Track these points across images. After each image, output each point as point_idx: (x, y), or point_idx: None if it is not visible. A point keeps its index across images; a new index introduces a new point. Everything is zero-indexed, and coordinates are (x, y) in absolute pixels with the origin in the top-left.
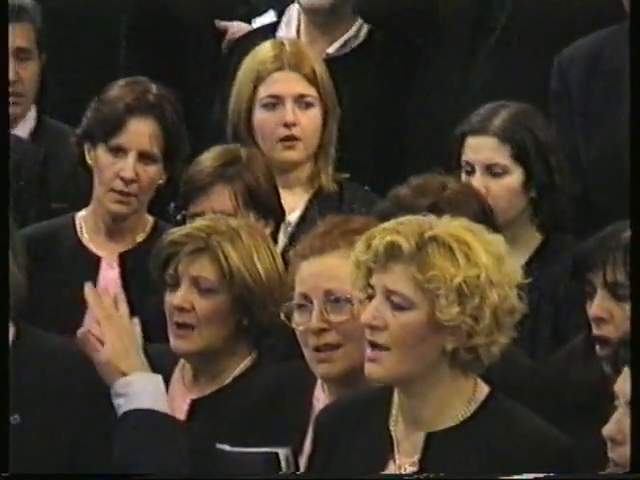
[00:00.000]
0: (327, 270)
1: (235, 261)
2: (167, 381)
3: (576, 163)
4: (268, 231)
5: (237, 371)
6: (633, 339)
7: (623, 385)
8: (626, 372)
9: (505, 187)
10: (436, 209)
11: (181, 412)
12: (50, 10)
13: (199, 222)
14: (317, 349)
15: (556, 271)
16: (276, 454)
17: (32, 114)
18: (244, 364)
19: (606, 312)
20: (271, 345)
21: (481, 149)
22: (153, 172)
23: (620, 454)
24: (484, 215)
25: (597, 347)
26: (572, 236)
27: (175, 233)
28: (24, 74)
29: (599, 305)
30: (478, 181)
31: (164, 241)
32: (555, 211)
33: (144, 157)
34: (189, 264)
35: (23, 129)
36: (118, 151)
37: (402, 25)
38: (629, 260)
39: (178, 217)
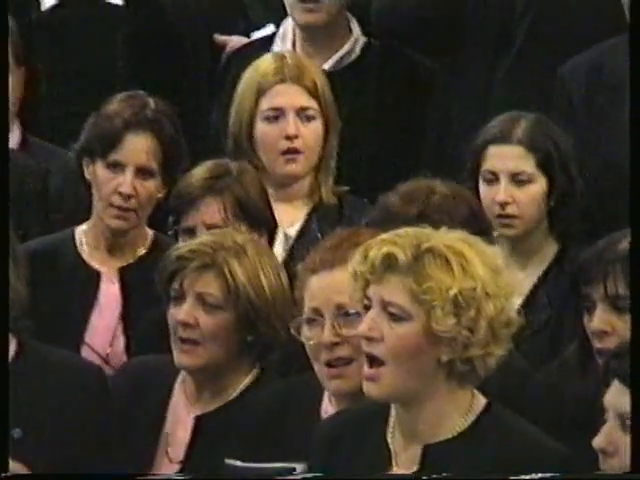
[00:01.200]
0: (338, 284)
1: (241, 278)
2: (168, 392)
3: (582, 174)
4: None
5: (242, 386)
6: (633, 345)
7: (613, 398)
8: (616, 385)
9: (530, 196)
10: (424, 216)
11: (185, 427)
12: (48, 25)
13: (205, 237)
14: (329, 364)
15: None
16: (293, 469)
17: (15, 129)
18: (248, 379)
19: (608, 325)
20: (274, 360)
21: (506, 158)
22: (151, 187)
23: (612, 465)
24: (474, 219)
25: (599, 360)
26: (587, 246)
27: (182, 248)
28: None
29: (601, 318)
30: (503, 190)
31: (171, 256)
32: (573, 220)
33: (142, 172)
34: (195, 280)
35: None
36: (116, 166)
37: (398, 39)
38: (628, 270)
39: (170, 232)
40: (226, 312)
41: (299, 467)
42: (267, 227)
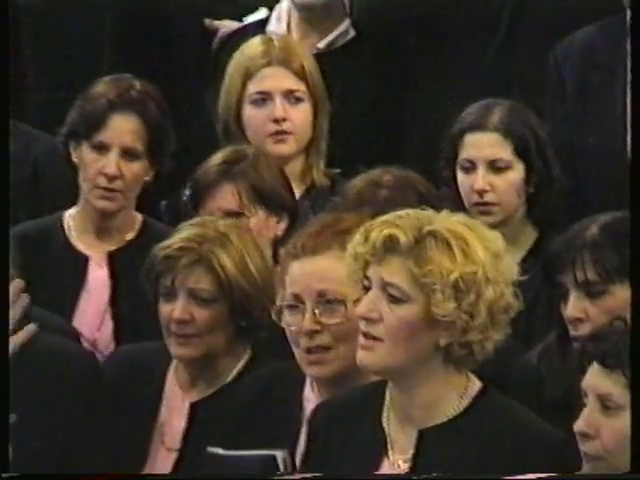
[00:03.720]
0: (320, 271)
1: (230, 269)
2: (162, 381)
3: (571, 158)
4: (283, 226)
5: (235, 371)
6: (633, 337)
7: (592, 380)
8: (594, 367)
9: (508, 182)
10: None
11: (180, 415)
12: (35, 9)
13: (188, 230)
14: (308, 351)
15: None
16: (273, 456)
17: None
18: (241, 363)
19: (582, 312)
20: (267, 341)
21: (483, 145)
22: (137, 168)
23: (592, 447)
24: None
25: (576, 347)
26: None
27: (168, 248)
28: None
29: (574, 305)
30: (481, 177)
31: (157, 256)
32: (551, 207)
33: (127, 153)
34: (186, 277)
35: None
36: (101, 148)
37: (392, 21)
38: (597, 256)
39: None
40: (220, 303)
41: (279, 454)
42: (287, 210)
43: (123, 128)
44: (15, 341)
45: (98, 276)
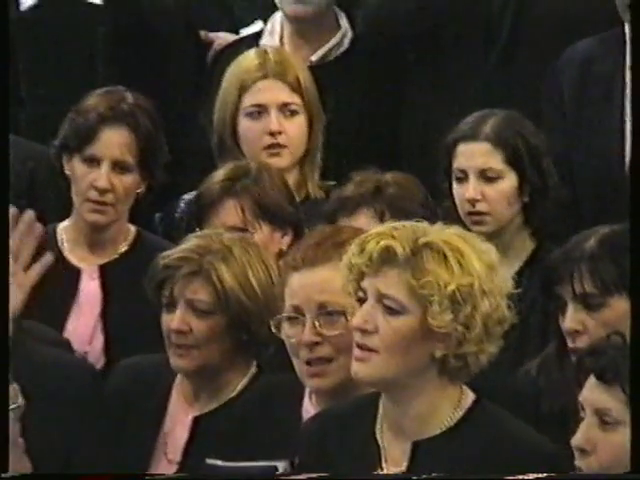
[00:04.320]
0: (320, 282)
1: (229, 282)
2: (167, 394)
3: (568, 168)
4: (287, 240)
5: (240, 386)
6: (633, 341)
7: (589, 394)
8: (592, 381)
9: (500, 192)
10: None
11: (183, 428)
12: (29, 23)
13: (192, 241)
14: (309, 362)
15: None
16: (275, 468)
17: None
18: (246, 379)
19: (579, 324)
20: (271, 356)
21: (474, 155)
22: (129, 181)
23: (588, 464)
24: (423, 209)
25: (574, 360)
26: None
27: (170, 257)
28: None
29: (572, 318)
30: (472, 187)
31: (159, 265)
32: (547, 217)
33: (118, 166)
34: (184, 287)
35: None
36: (92, 161)
37: (390, 34)
38: (595, 268)
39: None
40: (217, 316)
41: (280, 465)
42: (291, 224)
43: (114, 141)
44: (31, 274)
45: (90, 289)
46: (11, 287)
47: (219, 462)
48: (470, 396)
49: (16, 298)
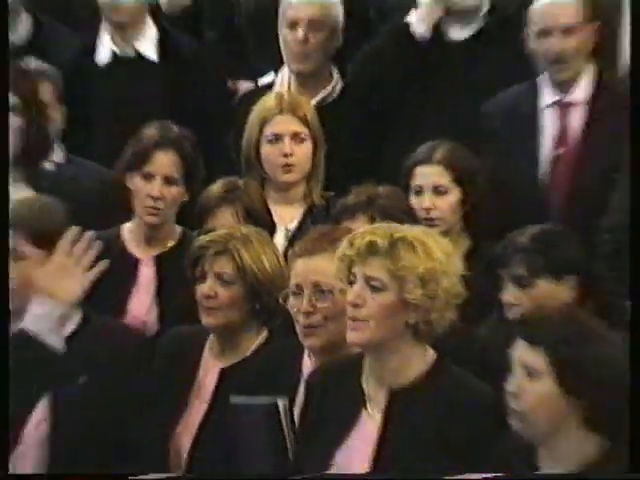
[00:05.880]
0: (316, 267)
1: (247, 260)
2: (200, 352)
3: (499, 185)
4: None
5: (254, 345)
6: (632, 331)
7: (518, 352)
8: (520, 343)
9: (448, 203)
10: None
11: (212, 376)
12: (101, 77)
13: (220, 230)
14: (305, 326)
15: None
16: (275, 403)
17: (59, 151)
18: (259, 340)
19: (515, 298)
20: (281, 323)
21: (429, 175)
22: (176, 192)
23: (517, 405)
24: (407, 217)
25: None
26: (489, 243)
27: (202, 239)
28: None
29: (509, 293)
30: (427, 199)
31: (194, 246)
32: (481, 222)
33: (168, 181)
34: (213, 262)
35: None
36: (148, 177)
37: (370, 83)
38: (527, 257)
39: (194, 233)
40: (237, 285)
41: (280, 401)
42: (267, 227)
43: (165, 161)
44: (90, 274)
45: (147, 274)
46: (69, 282)
47: (237, 398)
48: (432, 354)
49: (76, 291)
